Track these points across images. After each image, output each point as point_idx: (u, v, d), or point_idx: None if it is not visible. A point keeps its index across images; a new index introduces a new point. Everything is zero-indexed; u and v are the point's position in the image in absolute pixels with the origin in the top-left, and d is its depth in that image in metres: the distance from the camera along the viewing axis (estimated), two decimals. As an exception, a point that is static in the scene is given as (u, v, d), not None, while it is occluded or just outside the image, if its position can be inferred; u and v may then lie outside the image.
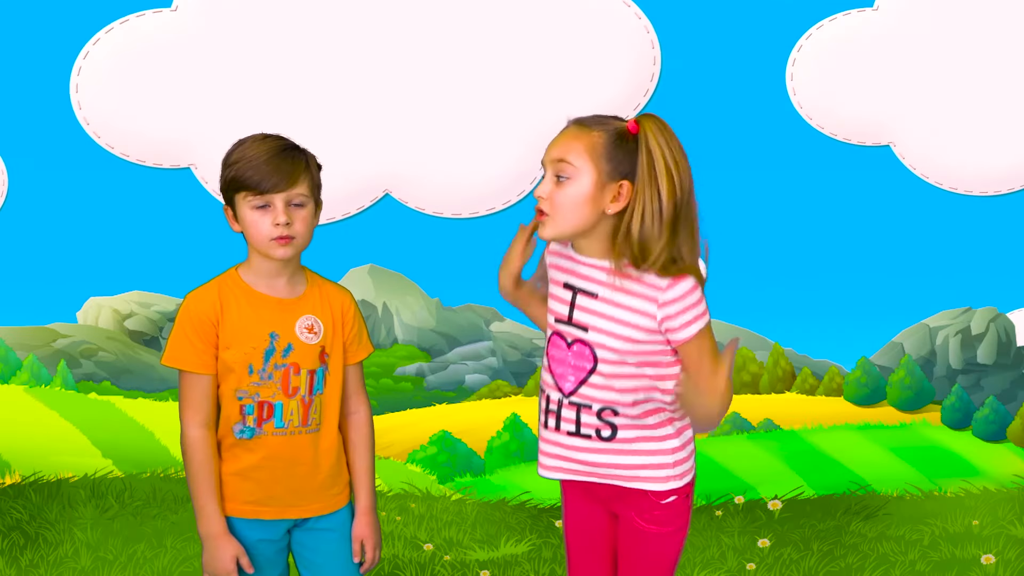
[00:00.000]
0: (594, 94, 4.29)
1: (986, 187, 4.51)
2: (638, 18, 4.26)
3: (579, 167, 1.82)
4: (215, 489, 1.98)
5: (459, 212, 4.39)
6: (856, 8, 4.45)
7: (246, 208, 1.97)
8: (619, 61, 4.32)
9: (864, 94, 4.44)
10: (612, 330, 1.87)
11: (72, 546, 3.64)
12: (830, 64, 4.44)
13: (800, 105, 4.42)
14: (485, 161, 4.37)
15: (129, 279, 4.64)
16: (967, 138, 4.48)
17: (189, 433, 1.99)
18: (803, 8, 4.45)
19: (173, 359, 2.00)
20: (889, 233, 4.56)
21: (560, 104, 4.28)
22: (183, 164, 4.18)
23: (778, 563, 3.59)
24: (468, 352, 5.02)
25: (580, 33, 4.29)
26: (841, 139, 4.42)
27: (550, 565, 3.57)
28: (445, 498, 4.49)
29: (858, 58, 4.43)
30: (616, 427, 1.92)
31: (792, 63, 4.42)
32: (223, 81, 4.15)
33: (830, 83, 4.44)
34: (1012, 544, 3.78)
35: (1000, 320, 4.88)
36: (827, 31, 4.44)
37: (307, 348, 2.03)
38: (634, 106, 4.30)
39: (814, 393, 4.96)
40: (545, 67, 4.30)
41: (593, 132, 1.84)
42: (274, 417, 2.00)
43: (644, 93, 4.30)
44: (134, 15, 4.11)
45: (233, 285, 2.02)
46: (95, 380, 4.71)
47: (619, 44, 4.31)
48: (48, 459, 4.42)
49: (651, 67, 4.27)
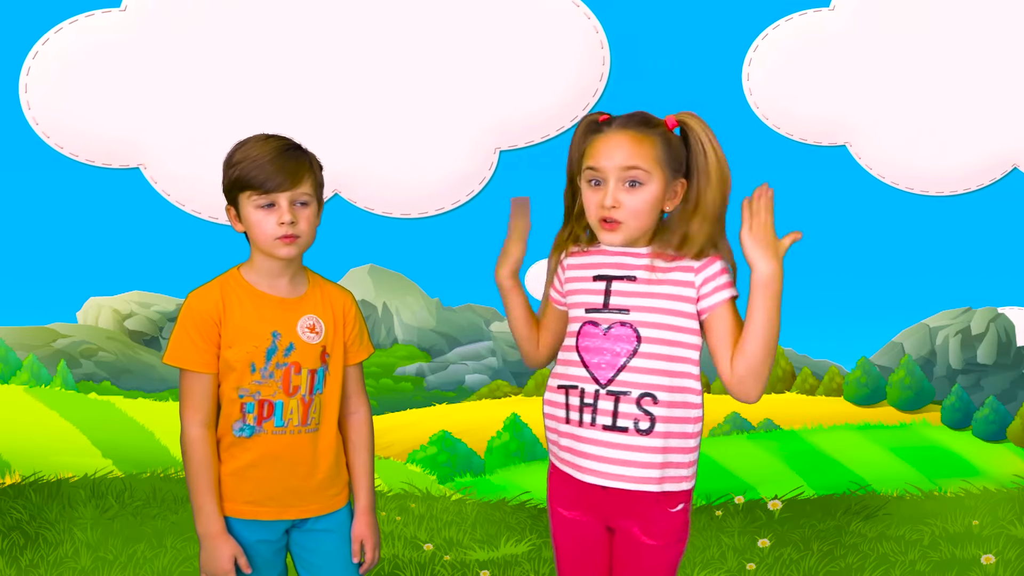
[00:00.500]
0: (543, 94, 4.31)
1: (942, 187, 4.52)
2: (587, 18, 4.27)
3: (651, 172, 1.88)
4: (214, 489, 1.98)
5: (408, 212, 4.40)
6: (812, 8, 4.45)
7: (250, 208, 1.97)
8: (568, 61, 4.33)
9: (820, 94, 4.44)
10: (655, 305, 1.91)
11: (72, 546, 3.64)
12: (786, 64, 4.43)
13: (756, 105, 4.41)
14: (434, 161, 4.38)
15: (129, 279, 4.65)
16: (923, 138, 4.48)
17: (189, 432, 1.99)
18: (759, 8, 4.44)
19: (175, 358, 2.00)
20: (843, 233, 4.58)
21: (509, 104, 4.31)
22: (132, 164, 4.18)
23: (778, 563, 3.59)
24: (468, 352, 5.02)
25: (529, 33, 4.30)
26: (797, 139, 4.41)
27: (550, 565, 3.57)
28: (445, 498, 4.49)
29: (814, 58, 4.42)
30: (655, 419, 1.90)
31: (748, 63, 4.41)
32: (172, 81, 4.14)
33: (786, 83, 4.43)
34: (1012, 544, 3.78)
35: (1000, 320, 4.89)
36: (783, 31, 4.43)
37: (308, 348, 2.03)
38: (583, 106, 4.31)
39: (814, 393, 4.96)
40: (494, 67, 4.31)
41: (648, 136, 1.90)
42: (274, 416, 2.00)
43: (593, 93, 4.31)
44: (83, 15, 4.11)
45: (235, 284, 2.03)
46: (95, 380, 4.71)
47: (568, 44, 4.31)
48: (48, 459, 4.42)
49: (600, 67, 4.28)
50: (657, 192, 1.89)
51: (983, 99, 4.47)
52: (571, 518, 2.04)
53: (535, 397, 4.93)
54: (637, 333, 1.91)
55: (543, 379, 5.06)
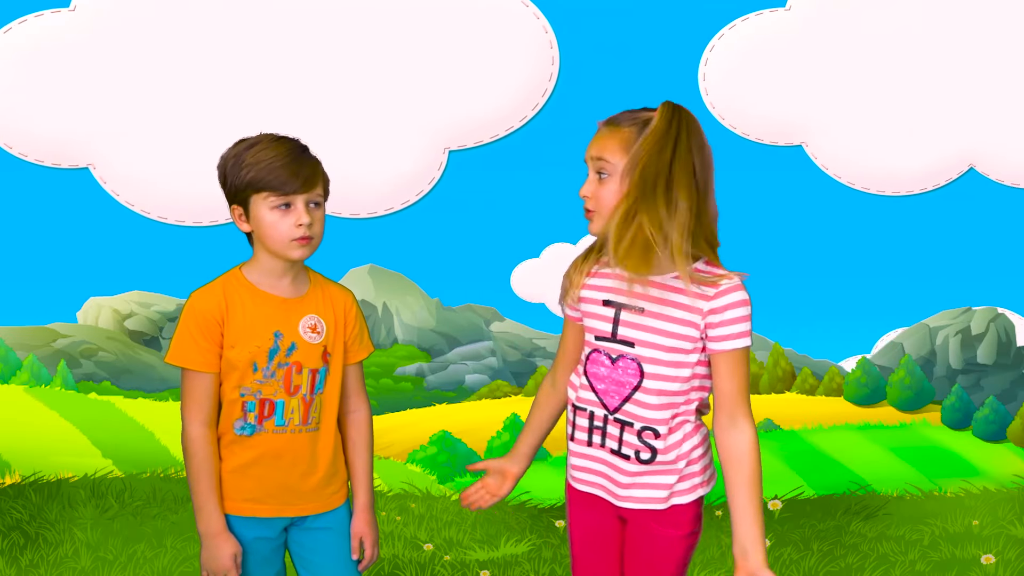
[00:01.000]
0: (492, 94, 4.33)
1: (899, 187, 4.52)
2: (536, 18, 4.28)
3: (615, 163, 1.85)
4: (215, 487, 1.99)
5: (357, 212, 4.41)
6: (769, 8, 4.45)
7: (265, 209, 1.97)
8: (517, 61, 4.33)
9: (776, 94, 4.44)
10: (659, 342, 1.87)
11: (72, 546, 3.64)
12: (743, 64, 4.43)
13: (712, 105, 4.42)
14: (384, 161, 4.39)
15: (129, 279, 4.65)
16: (879, 139, 4.49)
17: (191, 431, 1.99)
18: (716, 8, 4.44)
19: (177, 357, 2.00)
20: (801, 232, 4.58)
21: (459, 104, 4.32)
22: (81, 164, 4.19)
23: (778, 563, 3.59)
24: (468, 352, 5.02)
25: (478, 33, 4.31)
26: (753, 139, 4.42)
27: (550, 565, 3.57)
28: (445, 498, 4.49)
29: (771, 58, 4.43)
30: (656, 451, 1.92)
31: (704, 63, 4.42)
32: (121, 81, 4.14)
33: (742, 83, 4.44)
34: (1012, 544, 3.78)
35: (1000, 320, 4.89)
36: (740, 31, 4.44)
37: (310, 347, 2.04)
38: (532, 106, 4.33)
39: (814, 393, 4.96)
40: (443, 67, 4.33)
41: (623, 128, 1.87)
42: (275, 415, 2.01)
43: (542, 93, 4.32)
44: (32, 15, 4.11)
45: (237, 284, 2.03)
46: (95, 380, 4.71)
47: (517, 44, 4.32)
48: (48, 459, 4.42)
49: (549, 67, 4.29)
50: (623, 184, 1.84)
51: (939, 99, 4.48)
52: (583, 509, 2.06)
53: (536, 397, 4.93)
54: (641, 369, 1.89)
55: (543, 379, 5.07)
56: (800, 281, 4.58)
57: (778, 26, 4.44)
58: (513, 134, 4.32)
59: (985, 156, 4.55)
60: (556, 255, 4.56)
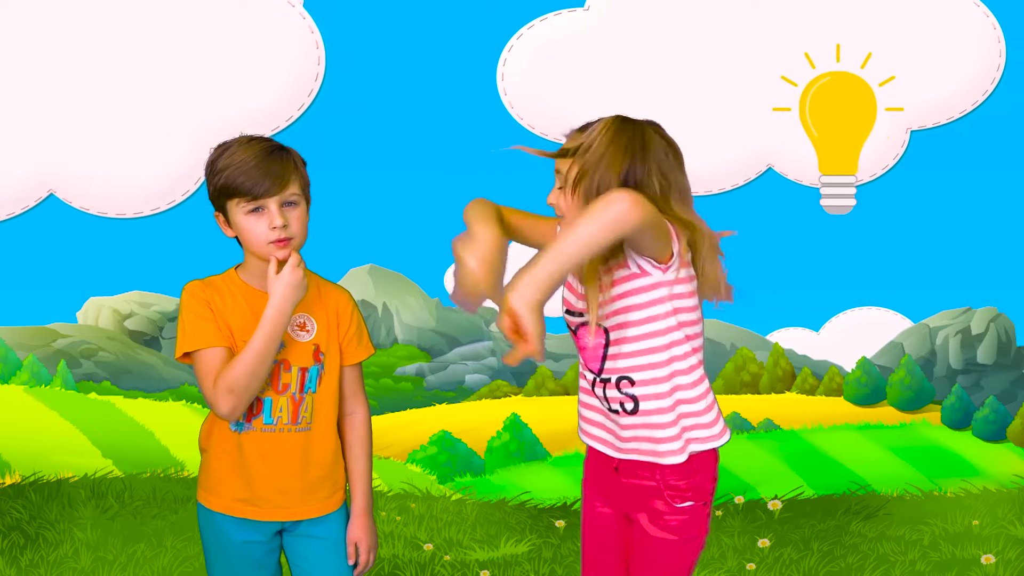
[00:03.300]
0: (258, 94, 4.34)
1: (697, 187, 4.53)
2: (303, 18, 4.28)
3: (563, 172, 1.95)
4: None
5: (123, 212, 4.42)
6: (567, 8, 4.45)
7: (240, 214, 1.95)
8: (283, 61, 4.35)
9: (575, 94, 4.43)
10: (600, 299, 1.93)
11: (72, 546, 3.63)
12: (541, 64, 4.43)
13: (511, 105, 4.42)
14: (150, 161, 4.39)
15: (129, 279, 4.65)
16: (679, 139, 4.48)
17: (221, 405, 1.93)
18: (514, 8, 4.43)
19: (188, 343, 1.95)
20: None
21: (224, 104, 4.33)
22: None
23: (778, 563, 3.59)
24: (468, 352, 5.01)
25: (244, 32, 4.32)
26: (552, 139, 4.39)
27: (550, 565, 3.57)
28: (445, 498, 4.49)
29: (569, 58, 4.42)
30: (636, 398, 1.95)
31: (503, 63, 4.42)
32: None
33: (541, 83, 4.43)
34: (1012, 544, 3.78)
35: (1000, 320, 4.88)
36: (538, 31, 4.43)
37: (299, 345, 2.02)
38: (298, 106, 4.35)
39: (814, 393, 4.96)
40: (209, 67, 4.33)
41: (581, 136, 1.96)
42: (263, 413, 1.99)
43: (308, 93, 4.34)
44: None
45: (229, 283, 2.02)
46: (95, 380, 4.71)
47: (283, 44, 4.33)
48: (48, 459, 4.42)
49: (315, 67, 4.30)
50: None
51: (734, 98, 4.50)
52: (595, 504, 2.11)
53: (535, 397, 4.93)
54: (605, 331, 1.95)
55: (543, 379, 5.06)
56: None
57: (577, 26, 4.44)
58: (279, 134, 4.33)
59: (783, 156, 4.58)
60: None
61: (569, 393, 5.03)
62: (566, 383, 4.95)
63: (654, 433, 1.95)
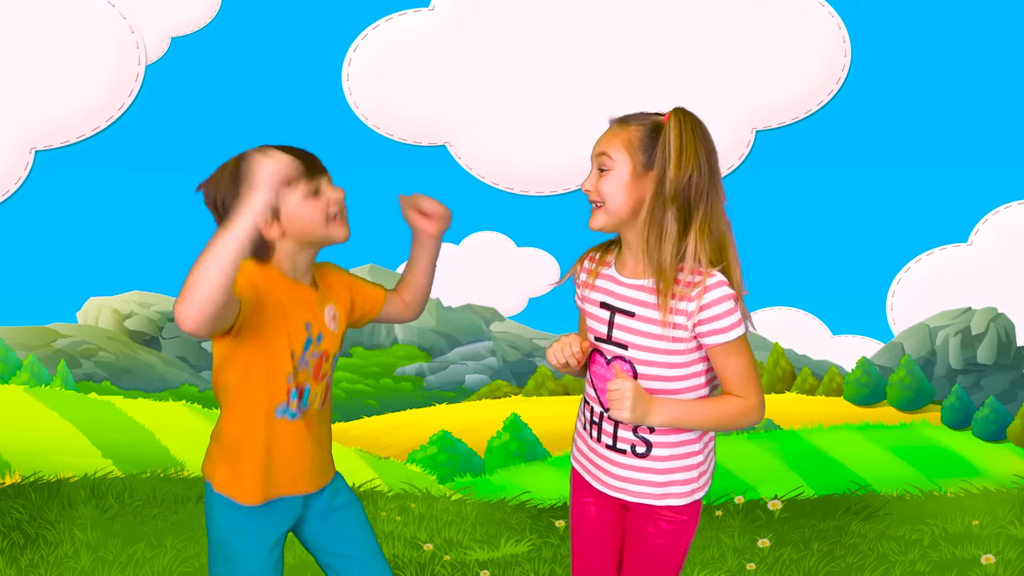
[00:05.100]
0: (78, 94, 4.31)
1: (542, 188, 4.54)
2: (123, 18, 4.27)
3: (616, 159, 1.91)
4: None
5: None
6: (412, 8, 4.45)
7: (297, 200, 1.95)
8: (101, 60, 4.32)
9: (421, 94, 4.44)
10: (651, 345, 1.91)
11: (72, 546, 3.63)
12: (387, 64, 4.43)
13: (356, 105, 4.41)
14: None
15: (129, 279, 4.65)
16: (521, 139, 4.51)
17: (177, 316, 1.74)
18: (359, 8, 4.42)
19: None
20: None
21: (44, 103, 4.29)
22: None
23: (778, 563, 3.59)
24: (468, 352, 5.01)
25: (63, 31, 4.29)
26: (397, 139, 4.41)
27: (550, 565, 3.57)
28: (445, 498, 4.49)
29: (415, 58, 4.43)
30: (651, 444, 1.96)
31: (348, 63, 4.41)
32: None
33: (387, 83, 4.43)
34: (1012, 544, 3.78)
35: (1000, 320, 4.89)
36: (383, 31, 4.43)
37: (333, 336, 2.07)
38: (119, 106, 4.33)
39: (814, 393, 4.96)
40: (29, 66, 4.29)
41: (631, 127, 1.92)
42: (303, 401, 2.03)
43: (129, 93, 4.32)
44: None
45: (268, 272, 2.00)
46: (95, 380, 4.71)
47: (102, 44, 4.31)
48: (48, 459, 4.42)
49: (135, 67, 4.29)
50: (624, 177, 1.90)
51: (583, 99, 4.49)
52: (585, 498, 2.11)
53: (535, 397, 4.94)
54: (634, 369, 1.93)
55: (543, 379, 5.07)
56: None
57: (422, 26, 4.45)
58: (100, 133, 4.31)
59: None
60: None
61: (569, 393, 5.03)
62: (566, 383, 4.95)
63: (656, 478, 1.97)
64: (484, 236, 4.70)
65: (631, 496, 1.99)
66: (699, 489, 2.00)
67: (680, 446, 1.96)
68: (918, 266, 4.70)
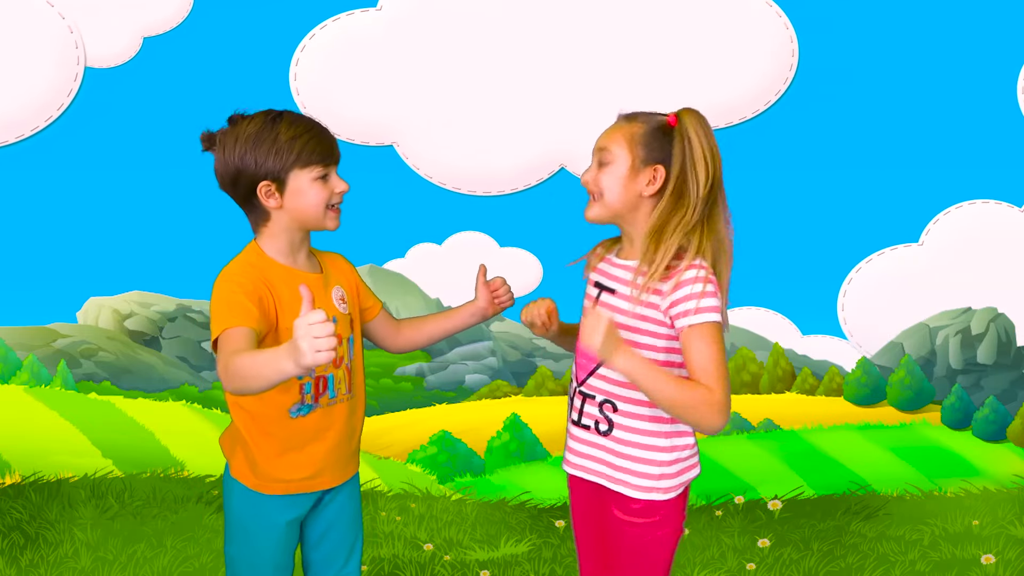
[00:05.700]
0: (13, 95, 4.29)
1: (490, 187, 4.55)
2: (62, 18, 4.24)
3: (616, 154, 1.96)
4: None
5: None
6: (360, 8, 4.43)
7: (307, 181, 1.94)
8: (38, 60, 4.29)
9: (368, 94, 4.43)
10: (627, 323, 1.95)
11: (72, 546, 3.63)
12: (334, 64, 4.42)
13: (304, 105, 4.40)
14: None
15: (129, 279, 4.65)
16: (469, 139, 4.50)
17: (226, 385, 1.74)
18: (307, 7, 4.41)
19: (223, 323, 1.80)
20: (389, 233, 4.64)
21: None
22: None
23: (778, 563, 3.59)
24: (468, 352, 5.01)
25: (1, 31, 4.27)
26: (344, 139, 4.38)
27: (550, 565, 3.57)
28: (445, 498, 4.49)
29: (362, 58, 4.42)
30: (612, 423, 1.99)
31: (296, 63, 4.40)
32: None
33: (333, 83, 4.43)
34: (1012, 544, 3.78)
35: (1000, 320, 4.88)
36: (330, 30, 4.41)
37: (343, 318, 2.07)
38: (57, 106, 4.29)
39: (814, 393, 4.96)
40: None
41: (635, 123, 1.97)
42: (328, 390, 2.02)
43: (68, 93, 4.30)
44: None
45: (266, 266, 1.97)
46: (95, 380, 4.71)
47: (38, 43, 4.27)
48: (48, 459, 4.42)
49: (75, 67, 4.27)
50: (622, 171, 1.94)
51: (529, 101, 4.49)
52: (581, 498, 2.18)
53: (535, 397, 4.93)
54: None
55: (543, 379, 5.06)
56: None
57: (369, 26, 4.43)
58: (37, 135, 4.31)
59: (576, 157, 4.55)
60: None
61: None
62: (566, 383, 4.94)
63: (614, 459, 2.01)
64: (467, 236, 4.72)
65: (588, 474, 2.05)
66: (658, 490, 1.98)
67: (642, 435, 1.97)
68: (869, 266, 4.70)
